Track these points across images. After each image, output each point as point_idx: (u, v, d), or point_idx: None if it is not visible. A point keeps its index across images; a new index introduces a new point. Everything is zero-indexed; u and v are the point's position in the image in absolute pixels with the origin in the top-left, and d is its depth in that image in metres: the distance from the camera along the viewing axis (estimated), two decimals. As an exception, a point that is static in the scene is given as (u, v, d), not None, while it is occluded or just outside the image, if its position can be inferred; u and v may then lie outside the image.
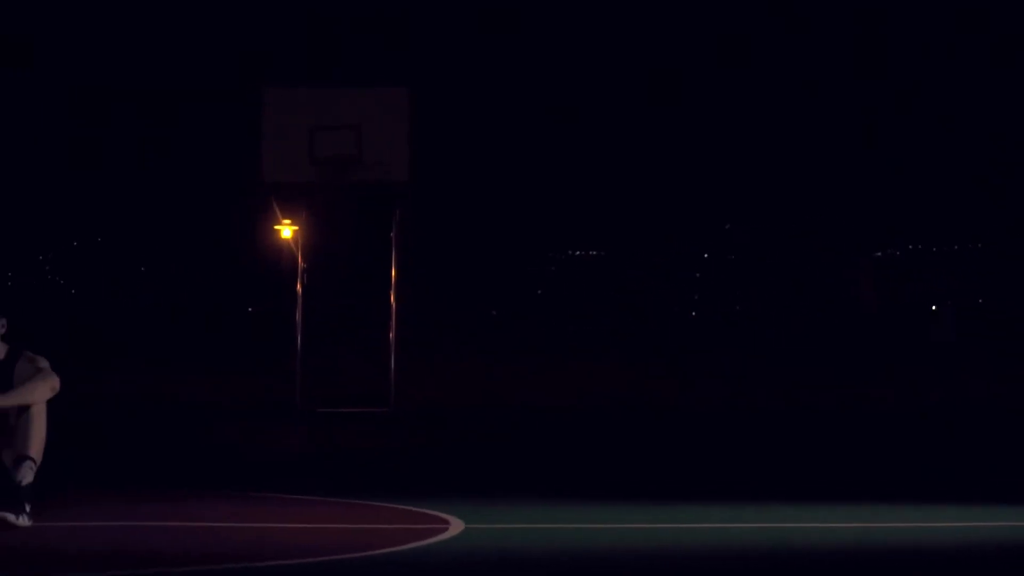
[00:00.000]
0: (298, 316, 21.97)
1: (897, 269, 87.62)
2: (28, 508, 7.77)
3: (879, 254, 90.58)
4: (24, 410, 8.01)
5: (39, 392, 8.06)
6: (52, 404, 7.99)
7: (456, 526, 7.77)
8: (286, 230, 42.28)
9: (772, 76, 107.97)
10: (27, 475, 7.84)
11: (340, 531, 7.89)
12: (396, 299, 22.07)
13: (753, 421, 18.18)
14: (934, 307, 76.12)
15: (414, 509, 8.54)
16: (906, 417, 18.73)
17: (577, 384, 26.56)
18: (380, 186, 21.23)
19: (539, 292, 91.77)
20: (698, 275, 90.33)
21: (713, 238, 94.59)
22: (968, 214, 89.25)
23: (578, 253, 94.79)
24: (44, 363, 8.29)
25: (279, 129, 20.79)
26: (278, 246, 43.38)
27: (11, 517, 7.68)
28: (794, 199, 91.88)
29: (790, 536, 7.87)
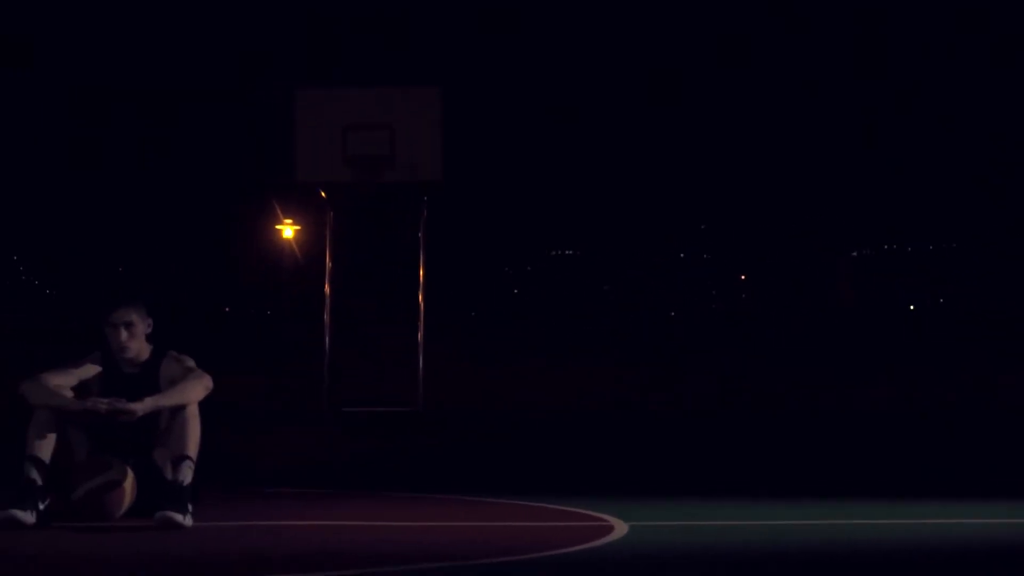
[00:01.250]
0: (326, 317, 21.88)
1: (874, 268, 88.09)
2: (191, 508, 7.74)
3: (855, 254, 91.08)
4: (179, 410, 7.97)
5: (194, 392, 8.02)
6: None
7: (619, 526, 7.74)
8: (287, 230, 42.44)
9: (750, 80, 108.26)
10: (188, 475, 7.81)
11: (509, 530, 7.86)
12: (424, 299, 22.06)
13: (754, 420, 18.25)
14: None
15: (569, 509, 8.51)
16: (895, 415, 18.82)
17: (577, 384, 26.69)
18: (413, 186, 21.19)
19: (515, 292, 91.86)
20: (676, 274, 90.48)
21: (689, 238, 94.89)
22: (944, 215, 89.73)
23: (555, 253, 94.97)
24: (191, 362, 8.25)
25: (312, 130, 20.71)
26: (279, 246, 43.52)
27: (178, 517, 7.64)
28: (771, 200, 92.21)
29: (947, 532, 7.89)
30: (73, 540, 7.38)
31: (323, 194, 21.37)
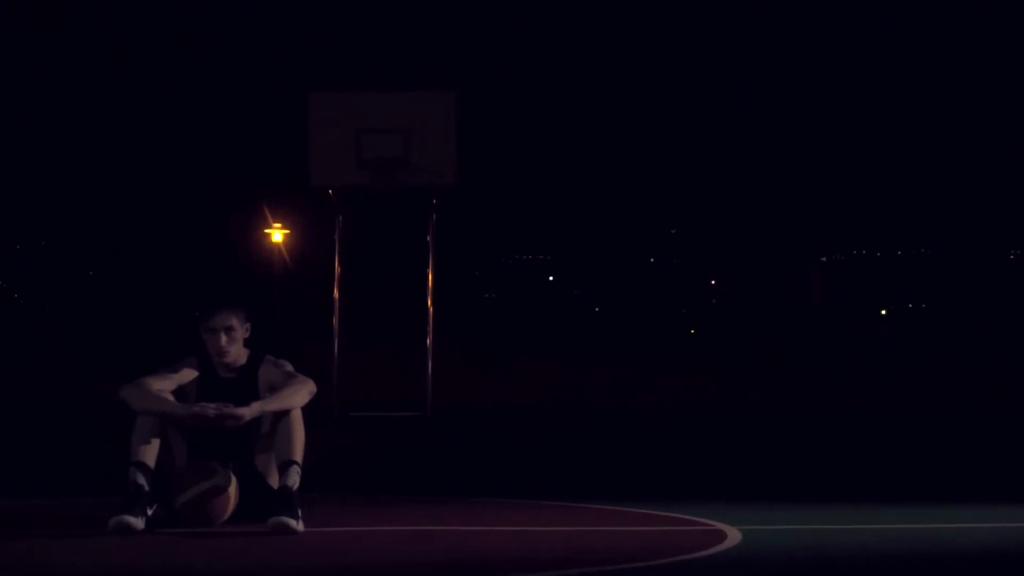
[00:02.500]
0: (335, 322, 21.76)
1: (844, 272, 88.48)
2: (300, 513, 7.69)
3: (824, 259, 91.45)
4: (283, 415, 7.91)
5: (299, 397, 7.97)
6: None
7: (731, 531, 7.73)
8: (276, 234, 42.38)
9: (722, 87, 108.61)
10: (296, 480, 7.76)
11: (623, 535, 7.84)
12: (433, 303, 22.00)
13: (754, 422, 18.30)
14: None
15: (672, 514, 8.48)
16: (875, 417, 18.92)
17: (567, 384, 26.78)
18: (428, 190, 21.14)
19: (487, 296, 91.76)
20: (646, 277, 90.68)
21: (659, 243, 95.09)
22: (911, 221, 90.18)
23: (527, 257, 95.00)
24: (289, 366, 8.19)
25: (326, 133, 20.63)
26: (268, 250, 43.43)
27: (292, 522, 7.59)
28: (741, 205, 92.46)
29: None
30: (199, 546, 7.34)
31: (331, 194, 21.33)
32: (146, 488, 7.70)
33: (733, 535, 7.57)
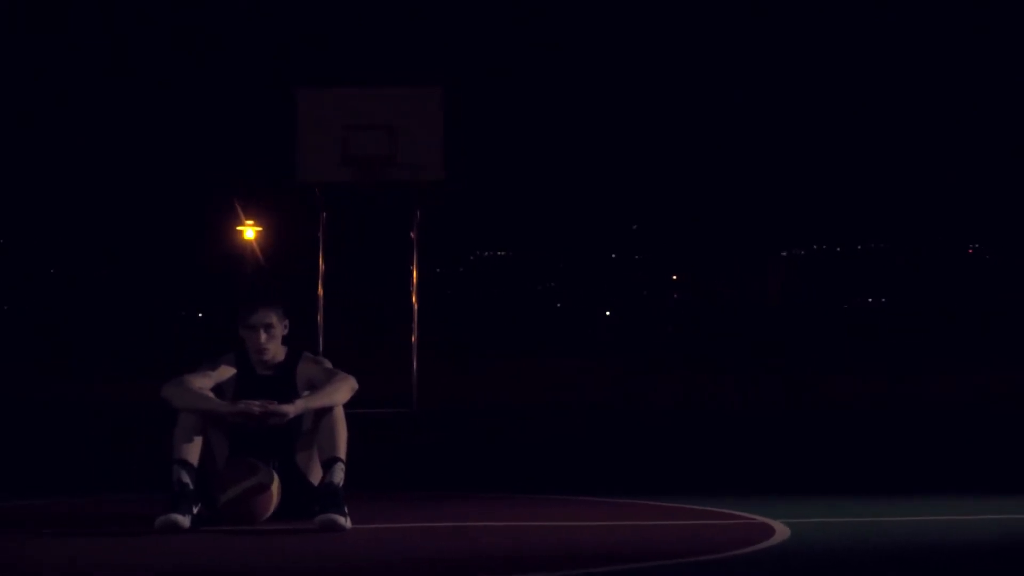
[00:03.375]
0: (319, 319, 21.70)
1: (803, 267, 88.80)
2: (346, 510, 7.66)
3: (784, 253, 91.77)
4: (326, 412, 7.88)
5: (342, 393, 7.94)
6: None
7: (779, 526, 7.73)
8: (249, 231, 42.16)
9: (683, 82, 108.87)
10: (341, 477, 7.73)
11: (667, 530, 7.83)
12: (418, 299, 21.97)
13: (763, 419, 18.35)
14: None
15: (715, 509, 8.49)
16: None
17: (556, 383, 26.82)
18: (414, 185, 21.11)
19: (448, 292, 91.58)
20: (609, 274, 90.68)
21: (621, 238, 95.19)
22: (870, 217, 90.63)
23: (486, 254, 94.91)
24: (328, 363, 8.15)
25: (313, 130, 20.58)
26: (241, 247, 43.21)
27: (340, 519, 7.56)
28: (701, 201, 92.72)
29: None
30: (251, 544, 7.30)
31: (317, 191, 21.26)
32: (191, 486, 7.66)
33: (781, 529, 7.57)
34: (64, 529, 7.74)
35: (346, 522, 7.58)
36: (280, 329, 8.11)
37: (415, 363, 21.59)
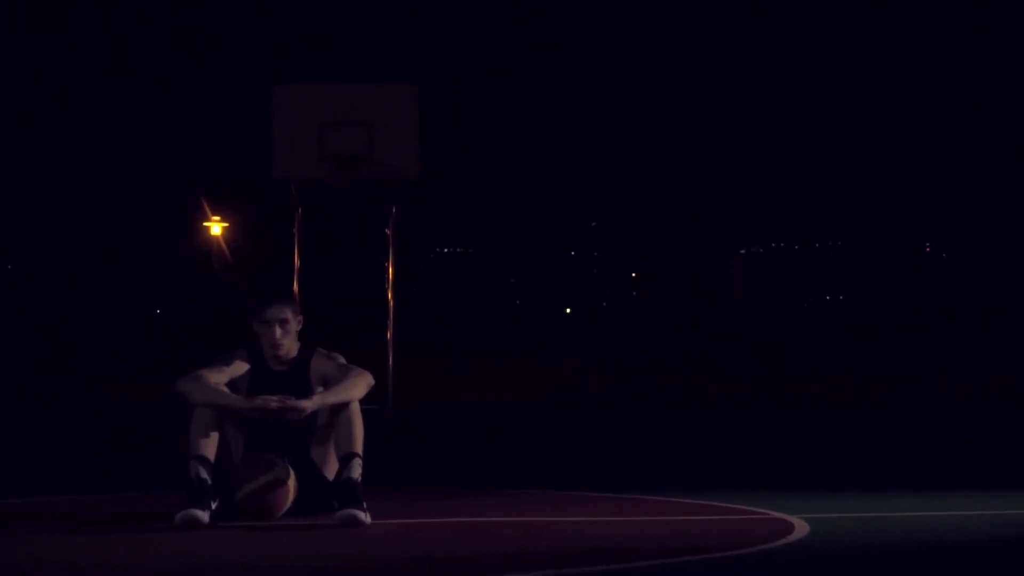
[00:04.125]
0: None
1: (763, 265, 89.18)
2: (365, 505, 7.66)
3: (743, 251, 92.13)
4: (342, 407, 7.86)
5: (358, 389, 7.92)
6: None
7: (797, 522, 7.75)
8: (215, 227, 42.04)
9: (645, 79, 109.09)
10: (359, 472, 7.73)
11: (694, 525, 7.86)
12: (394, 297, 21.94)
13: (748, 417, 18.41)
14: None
15: (731, 505, 8.50)
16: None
17: (551, 382, 26.76)
18: (390, 183, 21.07)
19: (414, 290, 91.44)
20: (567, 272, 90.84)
21: (579, 236, 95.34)
22: (829, 215, 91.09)
23: (446, 251, 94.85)
24: (342, 359, 8.13)
25: (288, 127, 20.50)
26: (207, 243, 43.07)
27: (360, 515, 7.56)
28: (661, 198, 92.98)
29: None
30: (272, 540, 7.30)
31: (292, 188, 21.19)
32: (209, 482, 7.65)
33: (800, 525, 7.59)
34: (64, 528, 7.70)
35: (366, 517, 7.58)
36: (295, 324, 8.10)
37: (391, 361, 21.57)
